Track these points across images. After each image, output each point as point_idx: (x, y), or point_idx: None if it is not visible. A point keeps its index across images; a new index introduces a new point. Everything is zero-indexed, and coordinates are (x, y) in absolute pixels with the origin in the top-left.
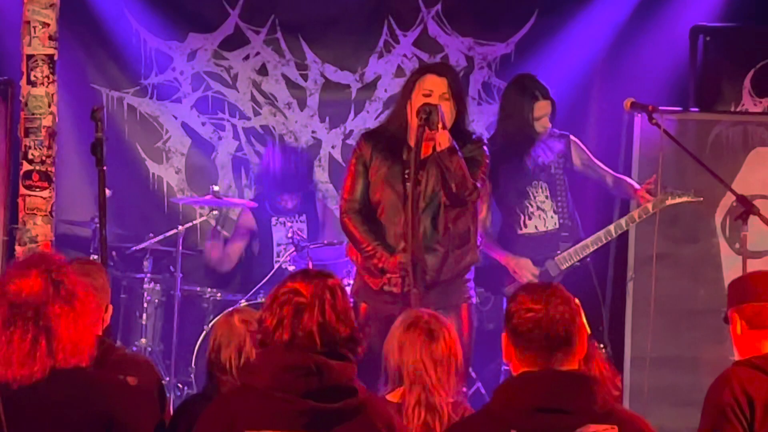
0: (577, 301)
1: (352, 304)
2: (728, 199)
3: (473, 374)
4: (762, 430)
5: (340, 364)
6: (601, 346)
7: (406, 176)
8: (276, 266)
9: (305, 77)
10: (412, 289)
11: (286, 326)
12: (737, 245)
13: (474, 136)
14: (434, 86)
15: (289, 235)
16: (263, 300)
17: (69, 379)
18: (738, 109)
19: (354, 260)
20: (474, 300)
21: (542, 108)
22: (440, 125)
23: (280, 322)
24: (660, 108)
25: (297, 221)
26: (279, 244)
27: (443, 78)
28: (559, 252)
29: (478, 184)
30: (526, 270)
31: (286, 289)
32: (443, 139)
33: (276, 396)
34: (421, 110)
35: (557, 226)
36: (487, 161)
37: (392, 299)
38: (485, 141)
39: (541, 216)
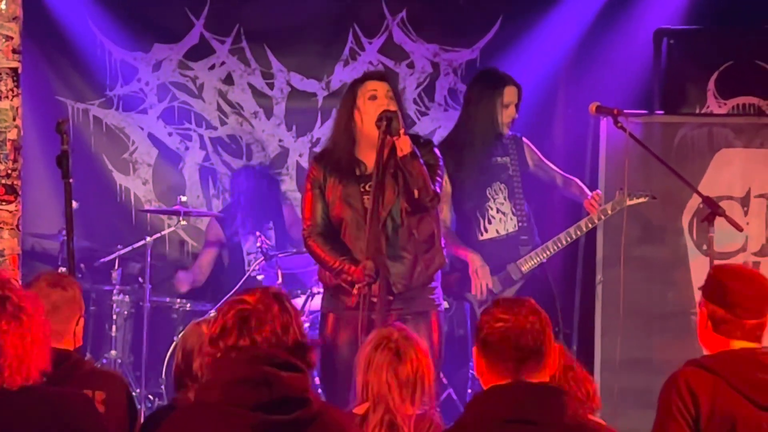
0: (545, 314)
1: (320, 314)
2: (695, 201)
3: (444, 380)
4: (708, 427)
5: (291, 375)
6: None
7: (363, 190)
8: (246, 276)
9: (271, 86)
10: (376, 297)
11: (231, 333)
12: (704, 246)
13: (422, 140)
14: (377, 87)
15: (258, 244)
16: None
17: (21, 400)
18: (703, 111)
19: (325, 282)
20: (442, 307)
21: (511, 93)
22: (402, 131)
23: (224, 329)
24: (625, 111)
25: (265, 230)
26: (249, 253)
27: (383, 81)
28: (519, 255)
29: (438, 189)
30: (485, 279)
31: (231, 300)
32: (405, 145)
33: (227, 411)
34: (380, 117)
35: (516, 228)
36: (441, 163)
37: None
38: (435, 143)
39: (502, 219)
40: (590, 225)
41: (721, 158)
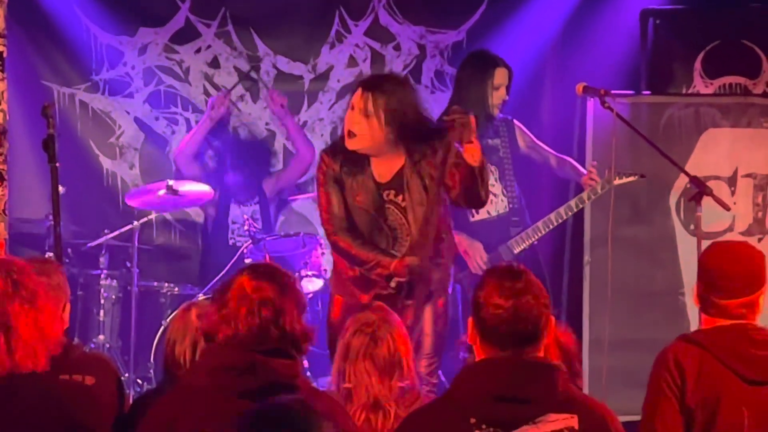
0: (544, 292)
1: (329, 295)
2: (682, 181)
3: None
4: (693, 399)
5: (280, 362)
6: None
7: (385, 199)
8: (234, 259)
9: (258, 69)
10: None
11: (231, 322)
12: (692, 226)
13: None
14: (356, 101)
15: (246, 227)
16: None
17: (27, 386)
18: (689, 91)
19: (344, 270)
20: (451, 289)
21: (501, 75)
22: (473, 137)
23: (225, 318)
24: (612, 92)
25: (252, 204)
26: (234, 222)
27: (367, 93)
28: (510, 236)
29: None
30: (477, 254)
31: (233, 284)
32: (475, 153)
33: (214, 396)
34: (453, 122)
35: (507, 209)
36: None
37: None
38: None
39: (493, 200)
40: (580, 205)
41: (708, 138)
